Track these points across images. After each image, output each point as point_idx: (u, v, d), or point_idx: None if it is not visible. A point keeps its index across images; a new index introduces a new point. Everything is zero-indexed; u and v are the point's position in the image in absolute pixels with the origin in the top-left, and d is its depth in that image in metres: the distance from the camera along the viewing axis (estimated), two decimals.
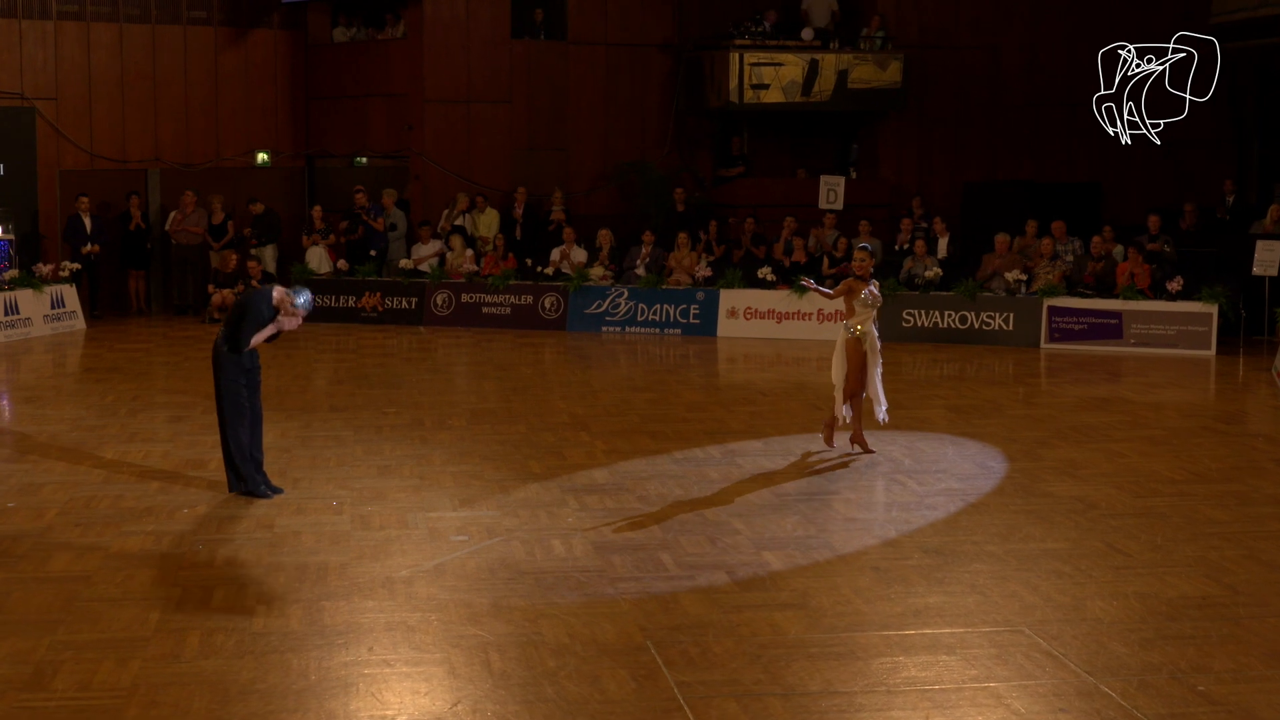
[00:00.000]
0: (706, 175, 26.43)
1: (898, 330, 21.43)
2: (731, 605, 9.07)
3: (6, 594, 9.23)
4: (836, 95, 25.11)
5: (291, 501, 11.69)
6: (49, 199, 24.19)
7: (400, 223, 24.88)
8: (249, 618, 8.80)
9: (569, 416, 15.56)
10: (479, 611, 8.94)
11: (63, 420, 15.26)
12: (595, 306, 22.73)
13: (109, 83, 24.67)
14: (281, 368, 18.96)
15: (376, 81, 25.66)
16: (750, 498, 11.90)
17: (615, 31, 25.95)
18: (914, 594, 9.34)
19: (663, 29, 26.15)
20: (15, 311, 21.70)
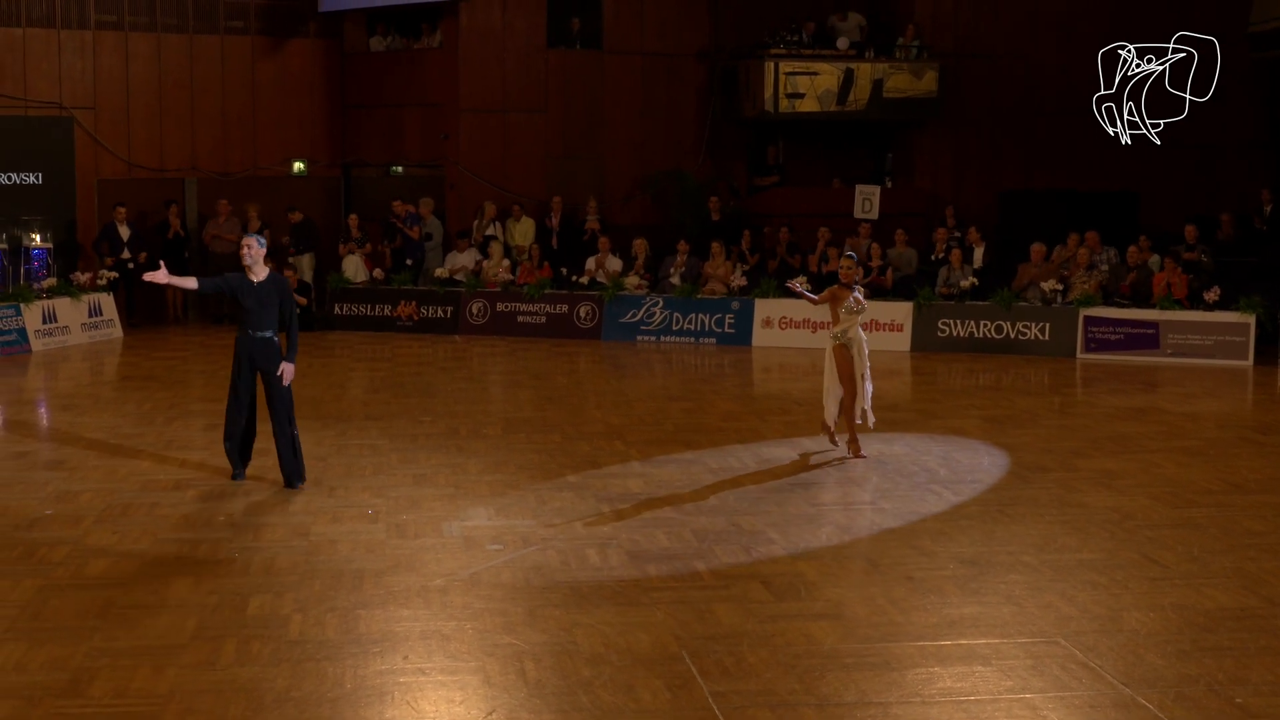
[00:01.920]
0: (742, 184, 26.41)
1: (933, 340, 21.40)
2: (766, 615, 9.03)
3: (44, 601, 9.24)
4: (872, 104, 25.11)
5: (327, 510, 11.69)
6: (87, 208, 24.32)
7: (436, 232, 24.92)
8: (285, 626, 8.79)
9: (604, 426, 15.54)
10: (514, 620, 8.92)
11: (100, 428, 15.28)
12: (630, 316, 22.72)
13: (147, 92, 24.80)
14: (318, 377, 19.03)
15: (412, 91, 25.72)
16: (786, 508, 11.84)
17: (651, 41, 25.98)
18: (949, 604, 9.28)
19: (699, 39, 26.16)
20: (53, 320, 21.81)
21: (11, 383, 19.08)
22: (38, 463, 13.65)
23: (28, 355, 21.10)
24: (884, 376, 19.24)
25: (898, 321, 21.65)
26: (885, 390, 18.48)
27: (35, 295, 21.74)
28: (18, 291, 21.63)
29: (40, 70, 23.90)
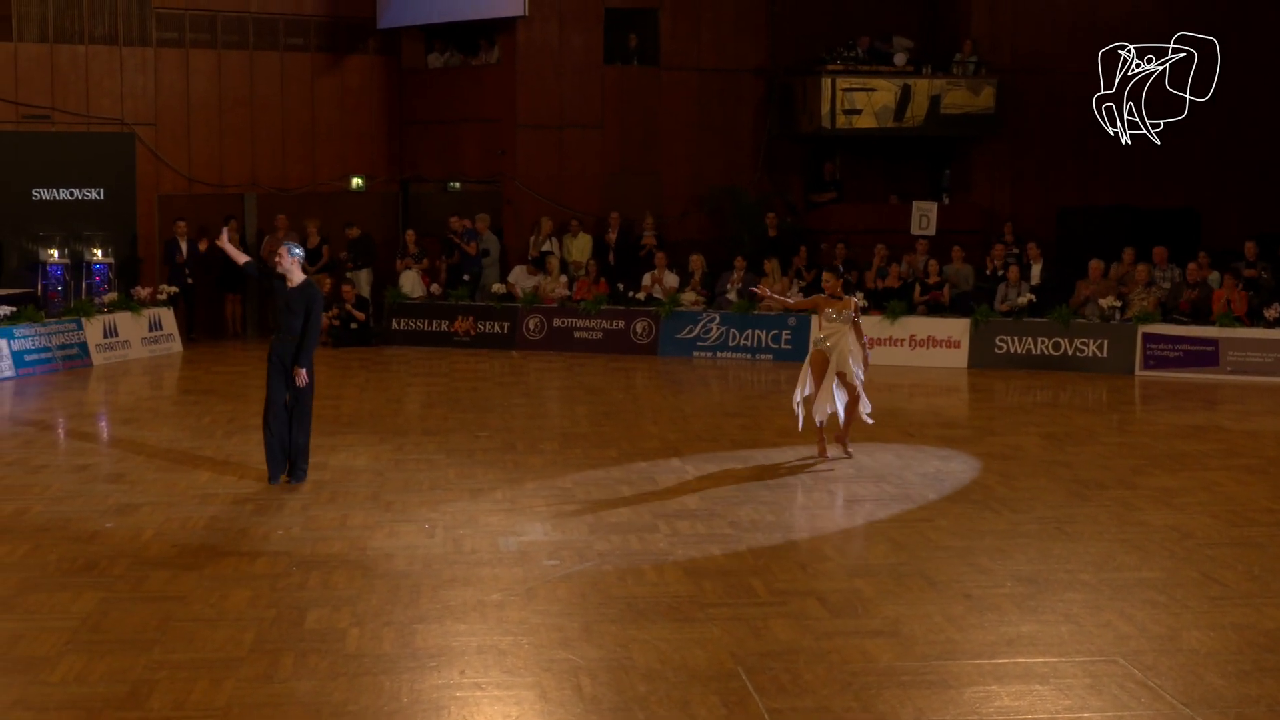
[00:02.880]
0: (798, 200, 26.35)
1: (991, 357, 21.29)
2: (823, 632, 8.98)
3: (104, 613, 9.29)
4: (929, 120, 25.01)
5: (384, 524, 11.70)
6: (148, 223, 24.48)
7: (493, 248, 24.97)
8: (342, 639, 8.80)
9: (660, 441, 15.51)
10: (570, 635, 8.91)
11: (159, 442, 15.35)
12: (687, 331, 22.69)
13: (207, 108, 24.96)
14: (375, 391, 19.10)
15: (470, 107, 25.77)
16: (842, 524, 11.84)
17: (708, 57, 25.96)
18: (1007, 622, 9.22)
19: (756, 55, 26.12)
20: (114, 334, 21.95)
21: (73, 396, 19.19)
22: (98, 476, 13.70)
23: (88, 369, 21.22)
24: (941, 393, 19.33)
25: (955, 338, 21.54)
26: (943, 407, 18.55)
27: (96, 309, 21.87)
28: (79, 306, 21.78)
29: (102, 87, 24.08)
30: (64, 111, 23.77)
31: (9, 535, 11.30)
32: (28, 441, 15.62)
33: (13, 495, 12.78)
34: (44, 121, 23.58)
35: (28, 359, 20.48)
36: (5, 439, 15.98)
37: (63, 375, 20.66)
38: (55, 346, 20.96)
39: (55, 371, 20.77)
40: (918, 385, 20.02)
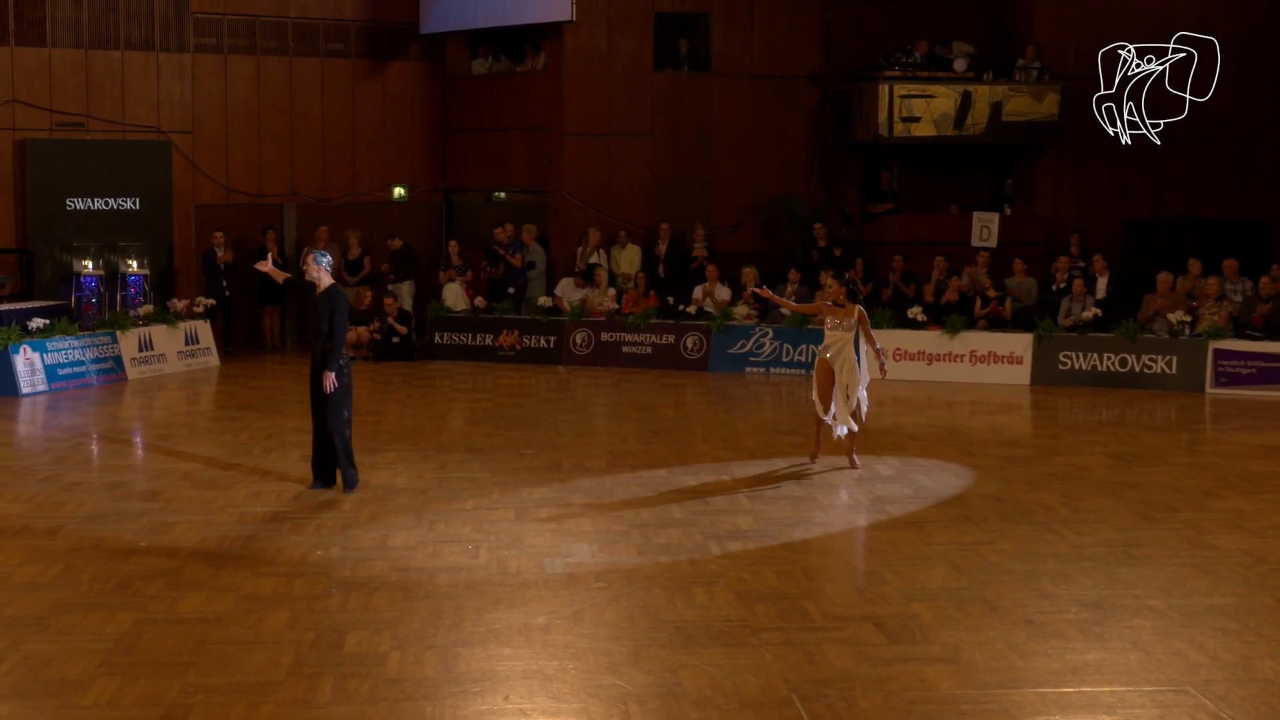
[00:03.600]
0: (854, 211, 26.13)
1: (1054, 373, 20.97)
2: (879, 658, 8.82)
3: (138, 635, 9.22)
4: (990, 128, 24.77)
5: (427, 544, 11.58)
6: (184, 234, 24.42)
7: (540, 259, 24.78)
8: (383, 663, 8.70)
9: (712, 460, 15.34)
10: (618, 660, 8.79)
11: (196, 458, 15.32)
12: (739, 346, 22.43)
13: (245, 116, 24.89)
14: (418, 407, 19.05)
15: (516, 114, 25.66)
16: (899, 546, 11.62)
17: (761, 64, 25.79)
18: (1072, 650, 9.02)
19: (810, 61, 25.93)
20: (149, 348, 21.84)
21: (107, 411, 19.18)
22: (133, 493, 13.64)
23: (123, 383, 21.19)
24: (1002, 411, 19.14)
25: (1017, 354, 21.20)
26: (1005, 425, 18.39)
27: (131, 322, 21.81)
28: (114, 318, 21.71)
29: (138, 94, 24.01)
30: (99, 119, 23.74)
31: (42, 554, 11.28)
32: (60, 458, 15.59)
33: (45, 513, 12.75)
34: (79, 129, 23.55)
35: (61, 373, 20.40)
36: (38, 455, 16.07)
37: (97, 390, 20.65)
38: (89, 360, 20.89)
39: (89, 386, 20.71)
40: (978, 403, 19.82)
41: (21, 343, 19.91)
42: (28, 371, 19.91)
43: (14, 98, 23.02)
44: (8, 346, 19.72)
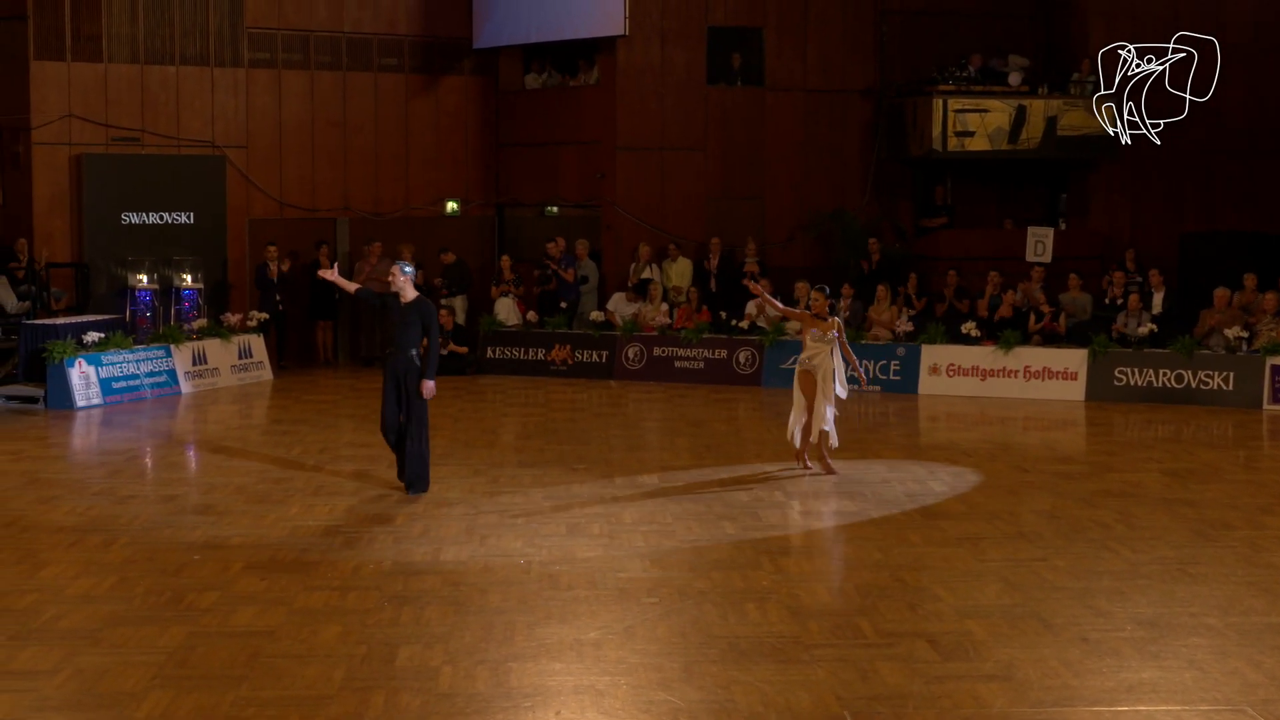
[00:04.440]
0: (908, 225, 26.03)
1: (1109, 389, 20.79)
2: (933, 675, 8.77)
3: (191, 648, 9.23)
4: (1045, 142, 24.60)
5: (479, 559, 11.56)
6: (238, 248, 24.52)
7: (592, 274, 24.76)
8: (434, 678, 8.69)
9: (764, 475, 15.26)
10: (670, 676, 8.75)
11: (249, 472, 15.36)
12: (791, 362, 22.20)
13: (299, 131, 24.98)
14: (469, 421, 19.04)
15: (568, 129, 25.68)
16: (953, 563, 11.53)
17: (814, 77, 25.72)
18: (1127, 668, 8.93)
19: (864, 75, 25.85)
20: (203, 361, 21.92)
21: (161, 425, 19.25)
22: (186, 507, 13.69)
23: (177, 397, 21.26)
24: (1057, 427, 19.00)
25: (1071, 369, 21.03)
26: (1059, 441, 18.27)
27: (185, 336, 21.89)
28: (168, 332, 21.78)
29: (193, 109, 24.13)
30: (154, 134, 23.87)
31: (96, 567, 11.32)
32: (115, 471, 15.66)
33: (100, 526, 12.79)
34: (134, 144, 23.66)
35: (116, 386, 20.49)
36: (92, 468, 16.15)
37: (151, 403, 20.74)
38: (144, 374, 20.99)
39: (143, 399, 20.79)
40: (1032, 419, 19.66)
41: (77, 356, 20.02)
42: (83, 385, 20.02)
43: (71, 113, 23.18)
44: (63, 360, 19.83)
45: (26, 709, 8.19)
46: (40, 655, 9.07)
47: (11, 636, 9.44)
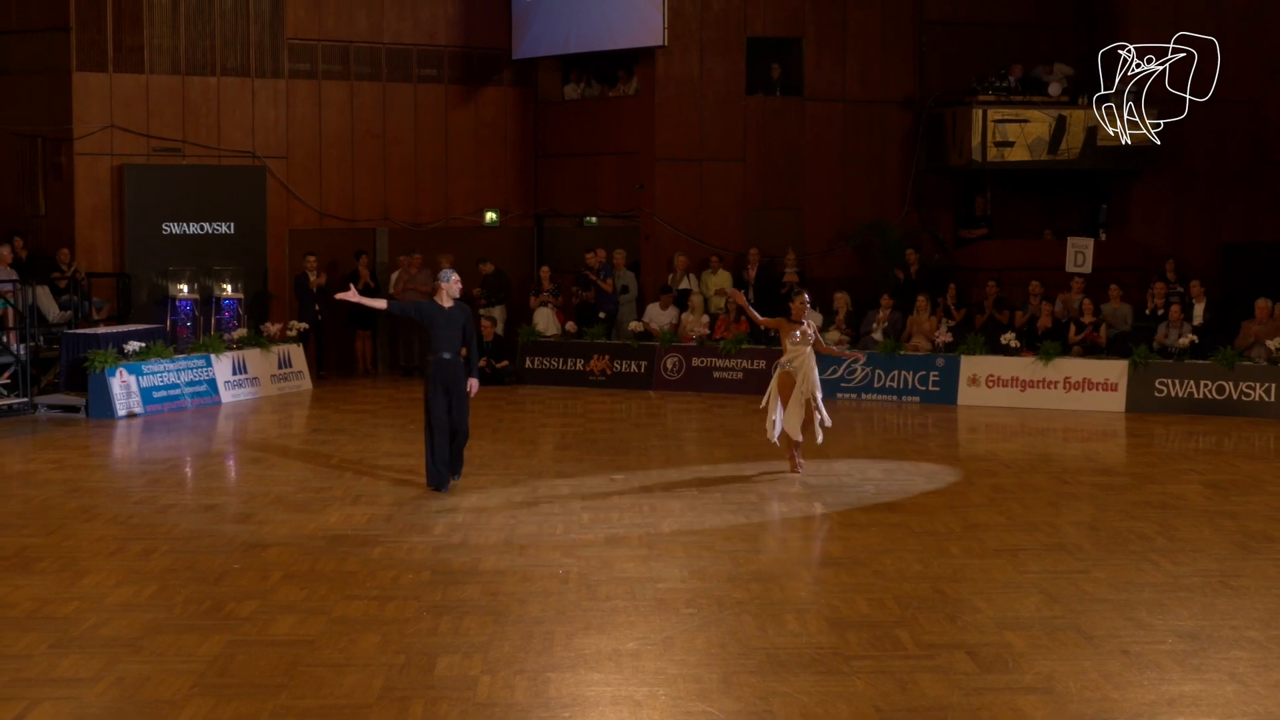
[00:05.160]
0: (947, 236, 25.95)
1: (1150, 400, 20.68)
2: (972, 687, 8.72)
3: (230, 657, 9.25)
4: (1086, 153, 24.49)
5: (517, 569, 11.55)
6: (278, 258, 24.60)
7: (632, 285, 24.76)
8: (473, 687, 8.69)
9: (802, 486, 15.24)
10: (708, 687, 8.73)
11: (288, 482, 15.39)
12: (830, 372, 22.26)
13: (339, 141, 25.08)
14: (509, 431, 19.04)
15: (607, 139, 25.73)
16: (992, 574, 11.47)
17: (854, 88, 25.69)
18: (1168, 681, 8.87)
19: (903, 85, 25.80)
20: (243, 371, 22.00)
21: (201, 434, 19.32)
22: (226, 516, 13.72)
23: (217, 406, 21.34)
24: (1097, 439, 18.89)
25: (1112, 380, 20.94)
26: (1099, 452, 18.15)
27: (225, 346, 21.96)
28: (208, 342, 21.89)
29: (234, 119, 24.24)
30: (195, 144, 23.98)
31: (136, 575, 11.35)
32: (155, 480, 15.70)
33: (140, 535, 12.83)
34: (175, 154, 23.77)
35: (156, 395, 20.60)
36: (133, 477, 16.17)
37: (191, 412, 20.82)
38: (184, 383, 21.08)
39: (183, 408, 20.88)
40: (1072, 430, 19.57)
41: (118, 365, 20.13)
42: (124, 394, 20.11)
43: (112, 124, 23.32)
44: (104, 369, 19.93)
45: (68, 717, 8.21)
46: (81, 663, 9.10)
47: (53, 644, 9.47)
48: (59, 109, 23.26)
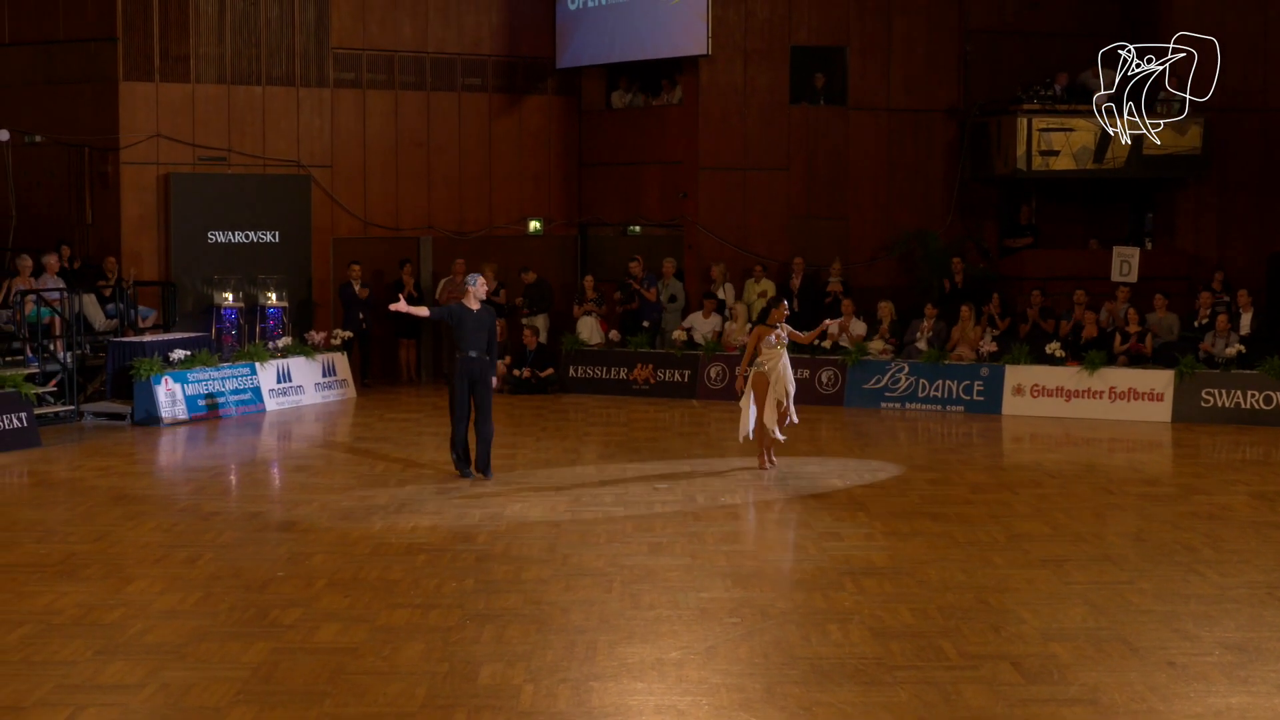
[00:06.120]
0: (992, 245, 25.83)
1: (1196, 411, 20.53)
2: (1016, 699, 8.69)
3: (274, 664, 9.29)
4: (1131, 162, 24.32)
5: (560, 578, 11.56)
6: (323, 267, 24.66)
7: (680, 294, 24.73)
8: (516, 696, 8.69)
9: (847, 496, 15.18)
10: (752, 697, 8.71)
11: (332, 489, 15.43)
12: (874, 382, 22.23)
13: (383, 150, 25.12)
14: (551, 440, 19.05)
15: (651, 148, 25.70)
16: (1037, 585, 11.42)
17: (898, 97, 25.60)
18: (1214, 693, 8.82)
19: (947, 94, 25.71)
20: (287, 379, 22.07)
21: (246, 442, 19.40)
22: (270, 524, 13.77)
23: (261, 414, 21.40)
24: (1143, 449, 18.80)
25: (1158, 391, 20.79)
26: (1145, 463, 18.06)
27: (270, 354, 22.05)
28: (253, 350, 21.94)
29: (279, 129, 24.31)
30: (240, 153, 24.04)
31: (180, 583, 11.41)
32: (200, 488, 15.79)
33: (185, 542, 12.89)
34: (220, 163, 23.87)
35: (201, 403, 20.68)
36: (178, 485, 16.30)
37: (236, 420, 20.88)
38: (229, 391, 21.15)
39: (228, 416, 20.94)
40: (1117, 440, 19.46)
41: (163, 373, 20.23)
42: (169, 402, 20.21)
43: (159, 133, 23.43)
44: (150, 377, 20.04)
45: None
46: (127, 669, 9.14)
47: (99, 651, 9.52)
48: (106, 118, 23.37)
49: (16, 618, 10.33)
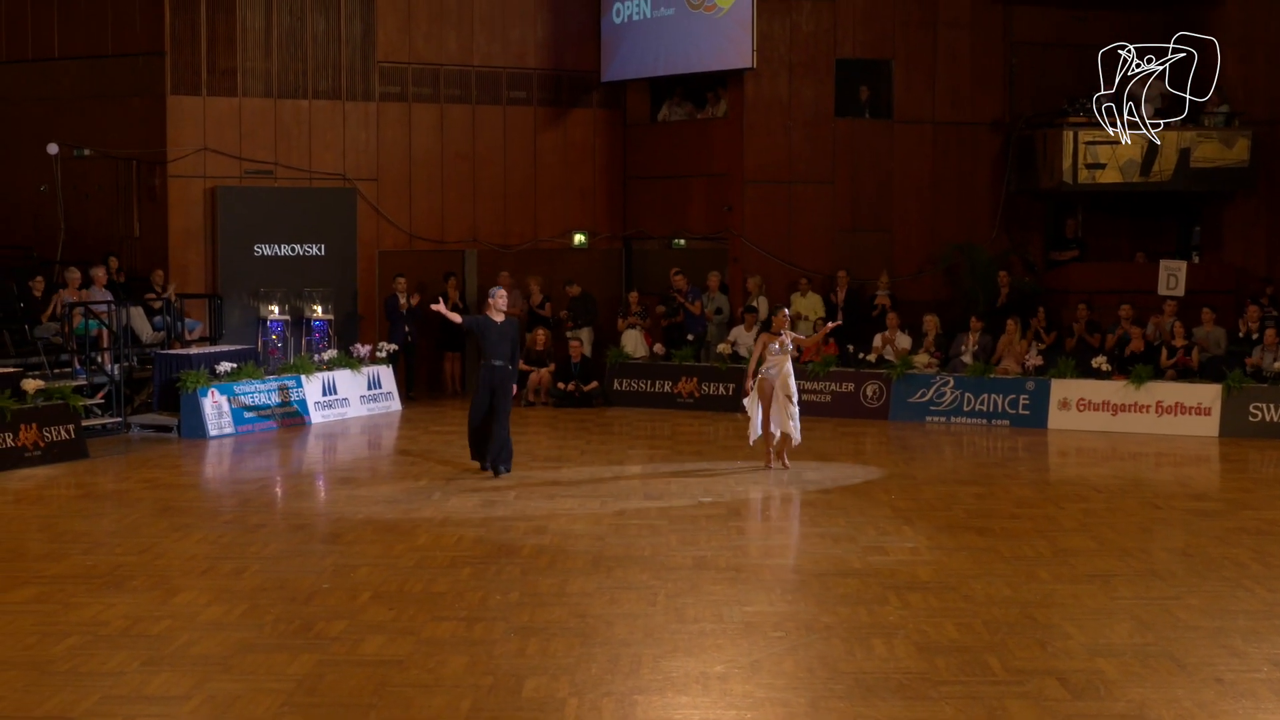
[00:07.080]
0: (1038, 259, 25.74)
1: (1244, 425, 20.40)
2: (1063, 714, 8.62)
3: (320, 676, 9.29)
4: (1178, 175, 24.21)
5: (605, 591, 11.55)
6: (368, 279, 24.75)
7: (725, 307, 24.72)
8: (560, 709, 8.67)
9: (891, 510, 15.13)
10: (796, 711, 8.67)
11: (377, 502, 15.46)
12: (919, 395, 22.17)
13: (429, 164, 25.20)
14: (596, 453, 19.07)
15: (696, 161, 25.71)
16: (1083, 600, 11.35)
17: (943, 110, 25.55)
18: (1263, 710, 8.73)
19: (993, 107, 25.64)
20: (333, 392, 22.15)
21: (291, 454, 19.48)
22: (315, 536, 13.83)
23: (307, 427, 21.48)
24: (1190, 464, 18.67)
25: (1205, 405, 20.66)
26: (1192, 477, 17.93)
27: (316, 367, 22.13)
28: (299, 363, 22.03)
29: (325, 142, 24.43)
30: (287, 167, 24.19)
31: (226, 594, 11.44)
32: (246, 500, 15.86)
33: (230, 554, 12.93)
34: (267, 177, 23.99)
35: (247, 415, 20.77)
36: (224, 497, 16.34)
37: (281, 433, 20.97)
38: (274, 403, 21.23)
39: (274, 429, 21.03)
40: (1164, 454, 19.35)
41: (210, 386, 20.32)
42: (215, 414, 20.31)
43: (206, 146, 23.58)
44: (196, 390, 20.13)
45: None
46: (173, 681, 9.17)
47: (145, 662, 9.55)
48: (154, 132, 23.54)
49: (64, 629, 10.37)
